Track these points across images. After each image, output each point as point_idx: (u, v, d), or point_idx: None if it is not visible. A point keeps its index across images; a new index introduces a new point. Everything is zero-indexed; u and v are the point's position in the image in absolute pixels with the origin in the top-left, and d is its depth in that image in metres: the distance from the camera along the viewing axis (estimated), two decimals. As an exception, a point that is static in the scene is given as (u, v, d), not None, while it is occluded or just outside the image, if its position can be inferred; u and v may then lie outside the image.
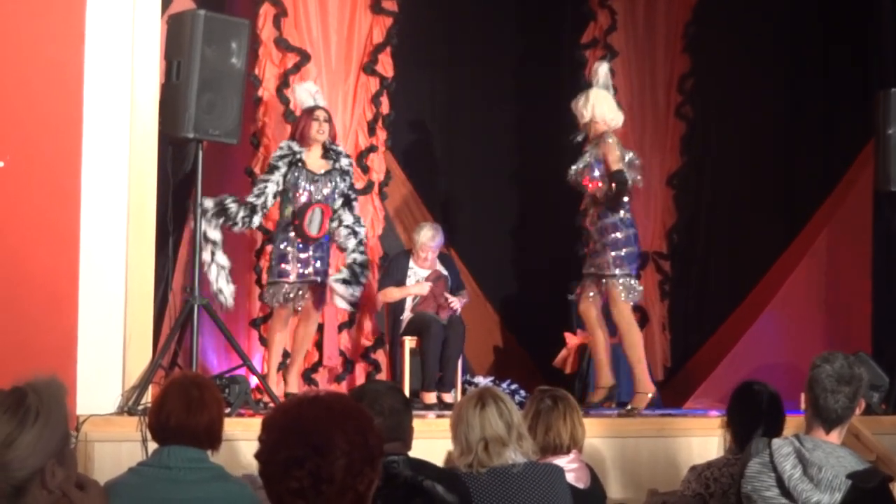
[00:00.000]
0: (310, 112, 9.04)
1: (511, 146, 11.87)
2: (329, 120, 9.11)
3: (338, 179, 9.02)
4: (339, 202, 9.03)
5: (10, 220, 6.92)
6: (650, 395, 9.01)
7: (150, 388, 7.30)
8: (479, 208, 11.63)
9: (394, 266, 9.81)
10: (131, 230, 7.45)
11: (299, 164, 8.91)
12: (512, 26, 11.83)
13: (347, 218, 9.06)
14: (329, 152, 9.07)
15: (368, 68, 10.24)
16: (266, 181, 8.83)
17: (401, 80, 10.44)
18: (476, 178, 11.67)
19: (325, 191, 8.95)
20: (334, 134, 9.23)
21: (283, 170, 8.86)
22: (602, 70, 9.34)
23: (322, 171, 8.97)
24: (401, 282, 9.71)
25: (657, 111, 11.91)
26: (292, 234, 8.86)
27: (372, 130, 10.23)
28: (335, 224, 9.01)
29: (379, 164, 10.32)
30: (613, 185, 8.87)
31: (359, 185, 10.14)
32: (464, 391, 9.34)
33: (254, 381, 8.33)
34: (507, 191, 11.79)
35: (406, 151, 11.10)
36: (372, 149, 10.24)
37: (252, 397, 7.91)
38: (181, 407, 4.46)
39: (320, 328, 9.87)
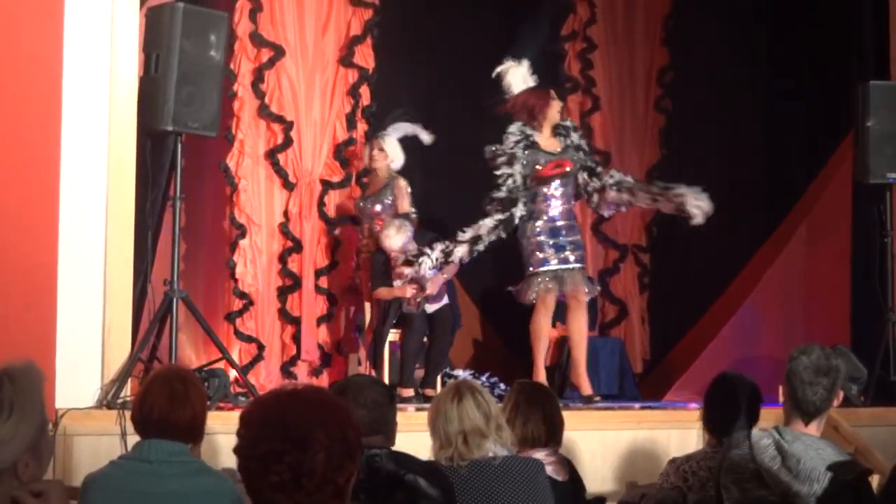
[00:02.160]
0: (545, 93, 9.49)
1: (492, 138, 11.83)
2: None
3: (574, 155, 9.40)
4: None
5: (-12, 213, 6.90)
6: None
7: (130, 381, 7.29)
8: (459, 200, 11.61)
9: (381, 266, 9.68)
10: (110, 223, 7.43)
11: (534, 147, 9.32)
12: (492, 18, 11.81)
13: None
14: (559, 128, 9.46)
15: (345, 61, 10.22)
16: (507, 175, 9.34)
17: (382, 71, 10.41)
18: (456, 170, 11.66)
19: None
20: None
21: (522, 157, 9.31)
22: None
23: (557, 151, 9.34)
24: (388, 280, 9.59)
25: (636, 104, 11.92)
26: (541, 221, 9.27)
27: (351, 123, 10.21)
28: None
29: (359, 156, 10.29)
30: None
31: (336, 179, 10.14)
32: (443, 384, 9.34)
33: (233, 374, 8.32)
34: (488, 183, 11.76)
35: (386, 144, 11.06)
36: (350, 141, 10.22)
37: (231, 391, 7.90)
38: (164, 400, 4.44)
39: (297, 321, 9.88)
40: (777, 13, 11.69)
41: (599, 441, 7.98)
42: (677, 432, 8.10)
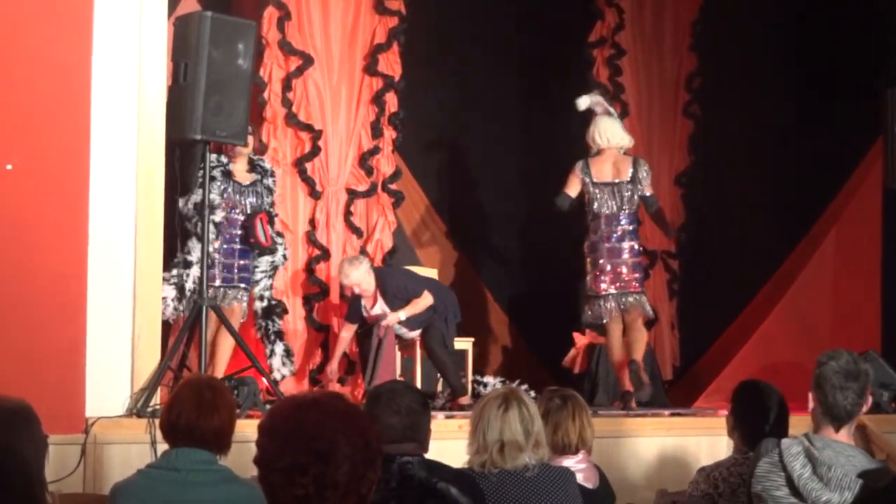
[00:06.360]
0: None
1: (519, 146, 11.86)
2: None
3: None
4: None
5: (18, 223, 6.91)
6: None
7: (159, 390, 7.30)
8: (488, 208, 11.62)
9: (353, 305, 9.44)
10: (139, 232, 7.44)
11: None
12: (520, 25, 11.82)
13: None
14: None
15: (370, 69, 10.23)
16: None
17: (408, 80, 10.42)
18: (485, 179, 11.67)
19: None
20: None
21: None
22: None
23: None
24: (357, 319, 9.42)
25: (665, 110, 11.91)
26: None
27: (376, 131, 10.21)
28: None
29: (386, 164, 10.30)
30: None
31: (362, 188, 10.14)
32: (473, 391, 9.35)
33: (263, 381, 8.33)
34: (515, 190, 11.78)
35: (414, 152, 11.07)
36: (376, 150, 10.22)
37: (261, 399, 7.90)
38: (192, 408, 4.45)
39: (324, 329, 9.87)
40: (805, 19, 11.66)
41: (629, 448, 7.96)
42: (707, 439, 8.08)
